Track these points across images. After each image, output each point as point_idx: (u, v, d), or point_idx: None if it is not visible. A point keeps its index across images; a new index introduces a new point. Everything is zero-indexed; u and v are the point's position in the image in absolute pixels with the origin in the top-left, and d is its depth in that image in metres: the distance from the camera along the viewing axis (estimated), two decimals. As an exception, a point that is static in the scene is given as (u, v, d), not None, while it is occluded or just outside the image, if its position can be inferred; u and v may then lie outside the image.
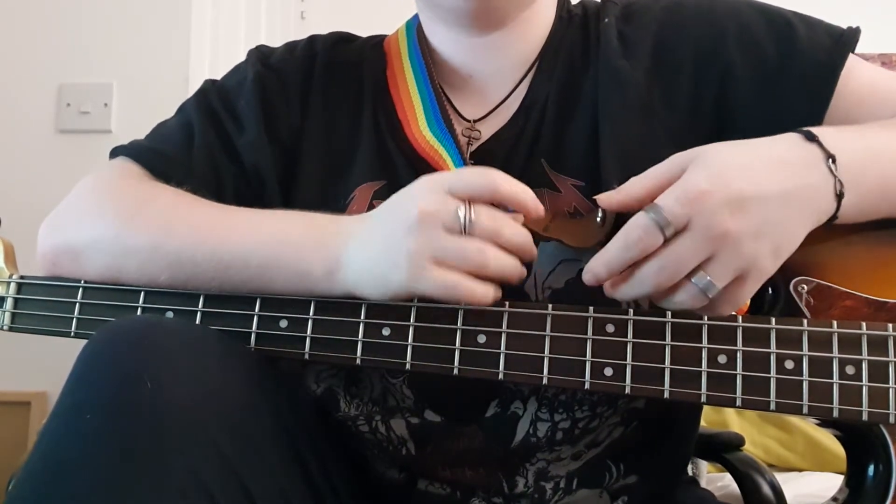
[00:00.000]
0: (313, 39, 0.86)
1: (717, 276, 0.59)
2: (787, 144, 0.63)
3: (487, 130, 0.78)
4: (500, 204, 0.63)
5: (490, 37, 0.79)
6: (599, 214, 0.68)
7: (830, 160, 0.62)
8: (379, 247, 0.63)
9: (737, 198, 0.58)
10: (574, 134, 0.75)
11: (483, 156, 0.76)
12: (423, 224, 0.61)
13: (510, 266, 0.62)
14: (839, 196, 0.62)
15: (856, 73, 0.73)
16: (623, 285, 0.61)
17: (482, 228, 0.61)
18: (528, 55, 0.80)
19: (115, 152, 0.80)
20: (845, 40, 0.73)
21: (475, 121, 0.79)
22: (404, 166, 0.77)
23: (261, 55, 0.85)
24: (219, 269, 0.67)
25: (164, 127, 0.83)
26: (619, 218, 0.66)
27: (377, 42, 0.87)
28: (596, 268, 0.61)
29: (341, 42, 0.87)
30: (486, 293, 0.62)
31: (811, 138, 0.63)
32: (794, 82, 0.73)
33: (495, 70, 0.80)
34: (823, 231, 0.64)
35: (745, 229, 0.58)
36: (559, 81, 0.77)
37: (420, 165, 0.76)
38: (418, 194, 0.63)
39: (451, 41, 0.82)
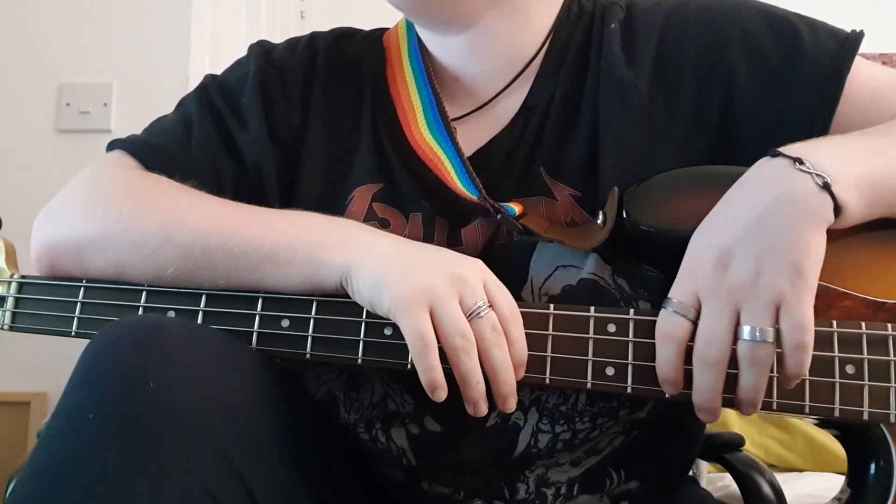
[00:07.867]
0: (314, 37, 0.85)
1: (755, 319, 0.59)
2: (747, 174, 0.64)
3: (486, 134, 0.77)
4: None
5: (463, 36, 0.78)
6: (600, 218, 0.68)
7: (797, 163, 0.61)
8: (403, 258, 0.64)
9: (717, 255, 0.61)
10: (574, 142, 0.74)
11: (481, 160, 0.75)
12: (451, 280, 0.62)
13: (474, 377, 0.61)
14: (825, 187, 0.60)
15: (861, 75, 0.72)
16: (696, 392, 0.62)
17: (481, 328, 0.62)
18: (522, 56, 0.78)
19: (112, 146, 0.79)
20: (850, 44, 0.72)
21: (454, 119, 0.77)
22: (401, 169, 0.77)
23: (262, 51, 0.84)
24: (231, 257, 0.67)
25: (163, 121, 0.82)
26: (619, 221, 0.66)
27: (377, 37, 0.86)
28: (661, 379, 0.63)
29: (342, 38, 0.85)
30: (438, 378, 0.61)
31: (775, 155, 0.63)
32: (799, 88, 0.72)
33: (480, 72, 0.79)
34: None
35: (743, 273, 0.60)
36: (563, 86, 0.76)
37: (418, 169, 0.76)
38: (467, 262, 0.65)
39: (433, 41, 0.81)
